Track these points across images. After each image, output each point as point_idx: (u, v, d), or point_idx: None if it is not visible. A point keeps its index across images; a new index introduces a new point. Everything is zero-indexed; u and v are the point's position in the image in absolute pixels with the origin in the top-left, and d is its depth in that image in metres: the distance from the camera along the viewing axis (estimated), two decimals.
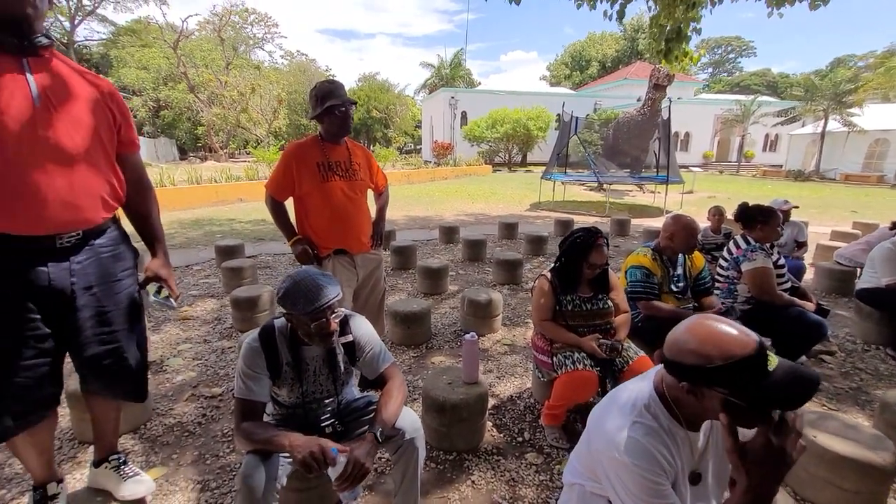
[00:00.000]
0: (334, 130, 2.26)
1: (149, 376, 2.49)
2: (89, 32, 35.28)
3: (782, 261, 2.90)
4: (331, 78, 2.73)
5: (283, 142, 26.82)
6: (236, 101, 25.38)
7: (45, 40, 1.29)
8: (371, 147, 31.71)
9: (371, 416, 1.55)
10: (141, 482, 1.70)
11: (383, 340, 1.73)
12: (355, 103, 2.29)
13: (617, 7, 4.31)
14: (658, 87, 12.33)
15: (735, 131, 26.89)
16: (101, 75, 1.51)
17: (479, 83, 40.92)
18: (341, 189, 2.27)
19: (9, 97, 1.21)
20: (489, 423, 2.27)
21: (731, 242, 2.87)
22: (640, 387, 1.10)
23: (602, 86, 34.28)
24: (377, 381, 1.57)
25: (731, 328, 0.93)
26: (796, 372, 0.89)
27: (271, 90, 27.42)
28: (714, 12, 4.67)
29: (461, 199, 12.07)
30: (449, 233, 6.62)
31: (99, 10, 32.29)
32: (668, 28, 4.40)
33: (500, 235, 7.04)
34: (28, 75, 1.25)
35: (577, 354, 2.08)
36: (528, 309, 3.77)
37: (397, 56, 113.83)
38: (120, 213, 1.56)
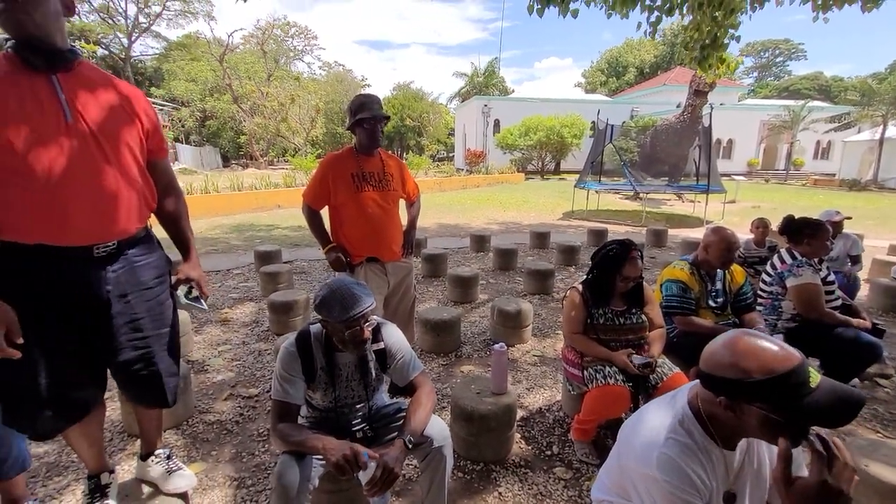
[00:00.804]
0: (364, 142, 2.33)
1: (192, 376, 2.64)
2: (144, 48, 37.69)
3: (832, 276, 2.74)
4: (367, 92, 2.81)
5: (320, 150, 27.65)
6: (276, 112, 26.40)
7: (70, 55, 1.32)
8: (404, 155, 32.21)
9: (400, 422, 1.57)
10: (183, 476, 1.77)
11: (413, 348, 1.77)
12: (387, 118, 2.35)
13: (653, 18, 4.22)
14: (699, 94, 11.96)
15: (783, 138, 25.63)
16: (130, 83, 1.55)
17: (513, 91, 40.96)
18: (374, 199, 2.33)
19: (41, 115, 1.25)
20: (517, 435, 2.26)
21: (775, 256, 2.75)
22: (673, 402, 1.07)
23: (639, 92, 33.52)
24: (407, 389, 1.60)
25: (771, 343, 0.90)
26: (840, 390, 0.86)
27: (309, 100, 28.35)
28: (761, 15, 4.51)
29: (493, 207, 12.06)
30: (480, 241, 6.63)
31: (153, 27, 34.56)
32: (703, 35, 4.27)
33: (532, 244, 6.98)
34: (59, 92, 1.29)
35: (608, 369, 2.04)
36: (559, 320, 3.72)
37: (431, 65, 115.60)
38: (152, 219, 1.62)
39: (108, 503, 1.63)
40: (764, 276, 2.76)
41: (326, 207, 2.43)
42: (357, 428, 1.60)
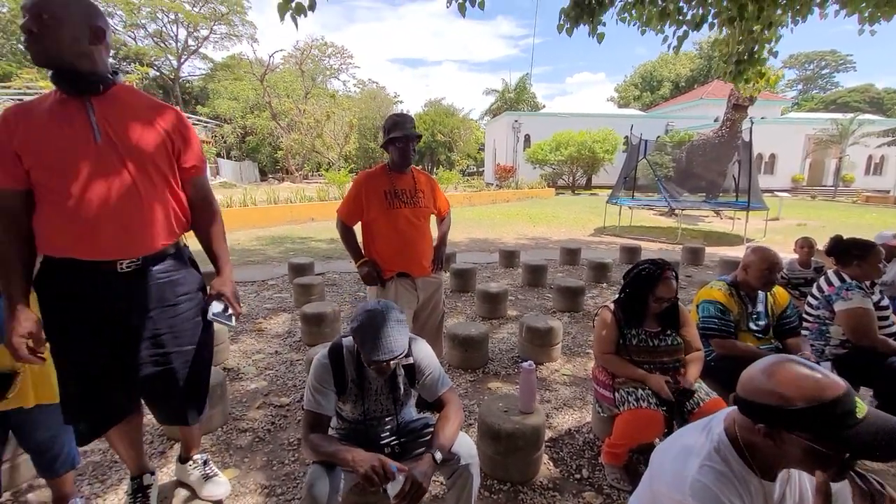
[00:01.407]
0: (396, 160, 2.40)
1: (227, 383, 2.73)
2: (192, 69, 40.22)
3: (886, 301, 2.57)
4: (399, 111, 2.90)
5: (353, 165, 28.34)
6: (312, 128, 27.37)
7: (97, 79, 1.37)
8: (434, 169, 32.60)
9: (428, 437, 1.58)
10: (219, 484, 1.82)
11: (441, 363, 1.78)
12: (419, 136, 2.41)
13: (679, 32, 4.14)
14: (738, 108, 11.62)
15: (831, 153, 24.41)
16: (178, 102, 1.66)
17: (544, 106, 40.93)
18: (405, 216, 2.39)
19: (72, 136, 1.33)
20: (545, 456, 2.21)
21: (822, 279, 2.61)
22: (708, 428, 1.04)
23: (675, 106, 32.85)
24: (435, 404, 1.61)
25: (813, 370, 0.87)
26: (889, 423, 0.81)
27: (343, 117, 29.27)
28: (804, 27, 4.33)
29: (522, 221, 12.00)
30: (509, 256, 6.60)
31: (200, 49, 36.76)
32: (738, 49, 4.15)
33: (562, 261, 6.89)
34: (91, 115, 1.36)
35: (641, 391, 1.98)
36: (590, 339, 3.65)
37: (462, 81, 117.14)
38: (189, 235, 1.67)
39: None
40: (810, 298, 2.63)
41: (360, 223, 2.50)
42: (385, 442, 1.62)
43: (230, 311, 1.66)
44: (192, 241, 1.69)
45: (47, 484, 1.78)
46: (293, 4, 3.15)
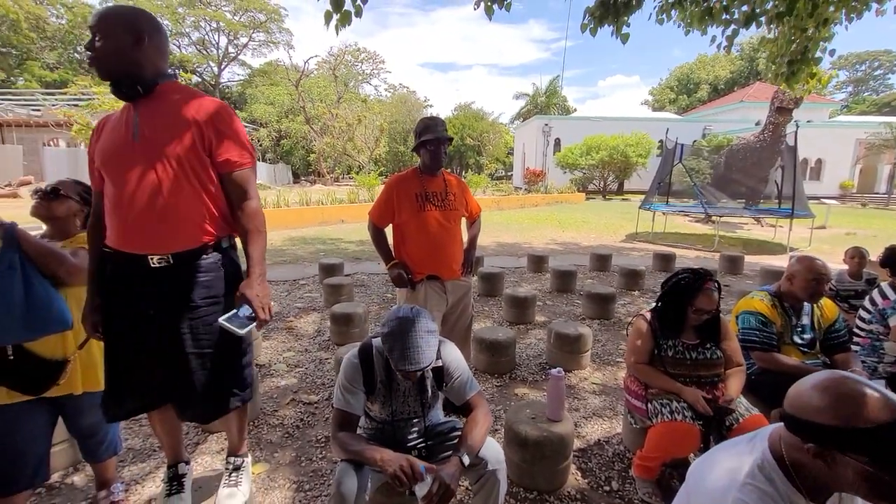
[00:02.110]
0: (427, 163, 2.41)
1: (259, 379, 2.81)
2: (231, 75, 41.92)
3: None
4: (431, 114, 2.92)
5: (383, 168, 28.75)
6: (344, 131, 27.94)
7: (138, 83, 1.45)
8: (463, 173, 32.68)
9: (454, 441, 1.57)
10: (234, 496, 1.78)
11: (468, 366, 1.77)
12: (450, 139, 2.42)
13: (728, 32, 3.98)
14: (782, 111, 11.08)
15: (884, 158, 23.01)
16: (213, 97, 1.61)
17: (575, 110, 40.34)
18: (436, 218, 2.39)
19: (115, 135, 1.48)
20: (573, 466, 2.16)
21: (875, 291, 2.46)
22: (752, 444, 0.99)
23: (713, 109, 31.75)
24: (462, 408, 1.60)
25: (871, 388, 0.81)
26: None
27: (374, 120, 29.75)
28: (857, 25, 4.06)
29: (551, 226, 11.84)
30: (537, 261, 6.52)
31: (240, 56, 38.22)
32: (791, 49, 3.95)
33: (592, 267, 6.75)
34: (134, 115, 1.45)
35: (675, 403, 1.91)
36: (620, 347, 3.55)
37: (492, 85, 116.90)
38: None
39: (184, 496, 1.75)
40: (861, 312, 2.48)
41: (391, 225, 2.52)
42: (412, 444, 1.62)
43: (252, 314, 1.52)
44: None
45: (91, 468, 1.87)
46: (338, 15, 3.17)
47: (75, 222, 1.75)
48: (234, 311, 1.50)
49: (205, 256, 1.53)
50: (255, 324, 1.51)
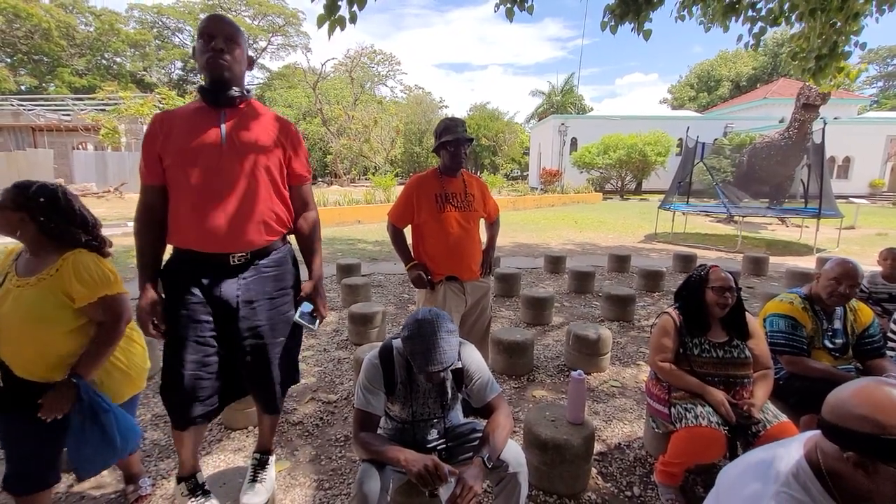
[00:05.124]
0: (447, 163, 2.41)
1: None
2: (251, 78, 42.54)
3: None
4: (453, 116, 2.92)
5: (398, 169, 28.89)
6: (360, 133, 28.19)
7: (235, 94, 1.58)
8: (479, 173, 32.62)
9: (474, 443, 1.57)
10: (257, 493, 1.80)
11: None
12: (471, 140, 2.41)
13: (756, 29, 3.87)
14: (808, 107, 10.73)
15: None
16: (286, 118, 1.78)
17: (591, 108, 39.88)
18: (456, 219, 2.39)
19: (203, 139, 1.52)
20: (594, 470, 2.14)
21: None
22: (786, 451, 0.96)
23: (735, 107, 30.98)
24: (482, 410, 1.59)
25: None
26: None
27: (390, 122, 29.93)
28: (889, 17, 3.93)
29: (568, 226, 11.72)
30: (555, 262, 6.46)
31: (259, 60, 38.88)
32: (818, 44, 3.82)
33: (610, 268, 6.66)
34: (222, 123, 1.56)
35: (700, 408, 1.86)
36: (641, 349, 3.49)
37: (508, 85, 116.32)
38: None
39: (212, 502, 1.77)
40: None
41: (409, 227, 2.53)
42: (433, 444, 1.62)
43: (315, 313, 1.80)
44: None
45: (118, 465, 1.90)
46: (334, 17, 3.21)
47: (30, 230, 1.46)
48: (299, 308, 1.74)
49: (275, 252, 1.70)
50: (319, 320, 1.79)
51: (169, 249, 1.66)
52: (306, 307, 1.76)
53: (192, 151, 1.51)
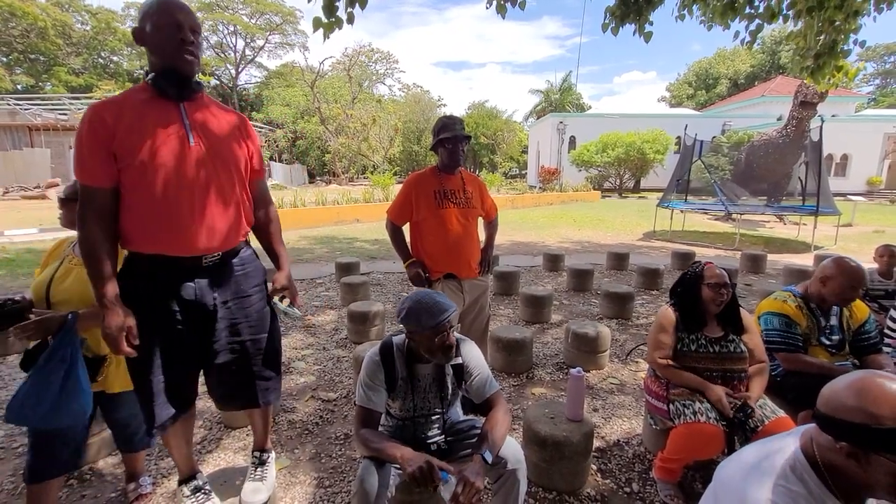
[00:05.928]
0: (446, 161, 2.42)
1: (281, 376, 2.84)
2: (248, 77, 42.68)
3: None
4: (451, 114, 2.92)
5: (397, 167, 28.86)
6: (359, 132, 28.11)
7: (196, 87, 1.49)
8: (477, 172, 32.58)
9: (474, 439, 1.58)
10: (258, 491, 1.81)
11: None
12: (468, 137, 2.42)
13: (752, 26, 3.88)
14: (806, 105, 10.76)
15: None
16: (236, 109, 1.74)
17: (590, 107, 39.86)
18: (454, 215, 2.40)
19: (166, 138, 1.40)
20: (593, 467, 2.15)
21: None
22: (782, 445, 0.97)
23: (733, 105, 31.00)
24: (482, 407, 1.60)
25: None
26: None
27: (389, 120, 29.85)
28: (887, 16, 3.93)
29: (567, 225, 11.74)
30: (553, 260, 6.47)
31: (256, 59, 38.82)
32: (817, 42, 3.82)
33: (609, 266, 6.67)
34: (184, 119, 1.44)
35: (698, 404, 1.87)
36: (639, 347, 3.51)
37: (506, 83, 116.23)
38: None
39: (214, 500, 1.77)
40: (893, 312, 2.40)
41: (408, 224, 2.53)
42: (432, 440, 1.63)
43: (293, 302, 1.83)
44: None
45: (122, 459, 1.92)
46: (329, 20, 3.19)
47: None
48: (274, 301, 1.77)
49: (242, 250, 1.67)
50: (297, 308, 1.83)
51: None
52: (284, 299, 1.80)
53: (157, 149, 1.38)
